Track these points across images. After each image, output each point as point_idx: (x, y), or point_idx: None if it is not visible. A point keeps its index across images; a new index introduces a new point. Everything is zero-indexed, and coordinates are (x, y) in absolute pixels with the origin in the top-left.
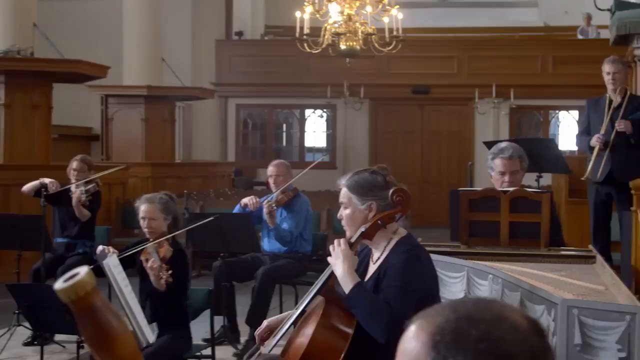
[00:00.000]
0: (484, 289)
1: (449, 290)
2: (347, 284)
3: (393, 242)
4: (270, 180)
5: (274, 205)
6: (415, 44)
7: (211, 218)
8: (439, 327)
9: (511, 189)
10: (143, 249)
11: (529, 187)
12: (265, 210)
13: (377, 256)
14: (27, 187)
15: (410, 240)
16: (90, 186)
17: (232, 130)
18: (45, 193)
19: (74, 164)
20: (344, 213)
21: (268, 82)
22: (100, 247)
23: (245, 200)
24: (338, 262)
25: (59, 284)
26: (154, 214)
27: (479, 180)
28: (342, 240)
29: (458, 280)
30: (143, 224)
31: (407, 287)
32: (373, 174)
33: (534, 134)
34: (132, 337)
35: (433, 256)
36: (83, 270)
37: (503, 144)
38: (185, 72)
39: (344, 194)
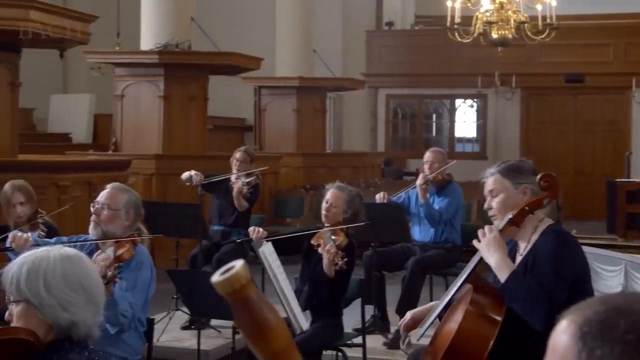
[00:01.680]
0: None
1: (605, 284)
2: (503, 273)
3: (539, 231)
4: (426, 167)
5: (429, 178)
6: (568, 31)
7: (363, 223)
8: (587, 318)
9: None
10: (315, 233)
11: None
12: (418, 181)
13: (524, 247)
14: (184, 175)
15: (556, 227)
16: (251, 179)
17: (381, 120)
18: (189, 184)
19: (238, 155)
20: (495, 201)
21: (418, 72)
22: (251, 229)
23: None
24: (490, 250)
25: (215, 277)
26: (337, 202)
27: (636, 170)
28: (492, 226)
29: (615, 274)
30: (324, 206)
31: (559, 273)
32: (522, 162)
33: None
34: (287, 330)
35: (588, 249)
36: (239, 264)
37: None
38: (336, 62)
39: (496, 180)
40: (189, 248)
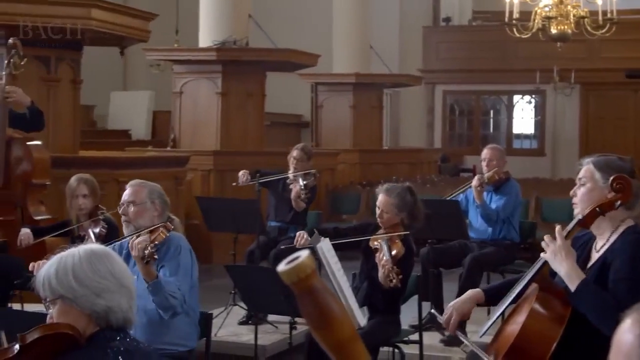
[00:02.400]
0: None
1: None
2: (572, 281)
3: (619, 231)
4: (483, 164)
5: (484, 179)
6: (629, 26)
7: (407, 232)
8: None
9: None
10: (373, 234)
11: None
12: (474, 183)
13: (601, 244)
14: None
15: (638, 229)
16: (309, 180)
17: (438, 116)
18: (234, 184)
19: (295, 153)
20: (580, 190)
21: (475, 68)
22: (298, 233)
23: None
24: (558, 258)
25: (281, 267)
26: (386, 207)
27: None
28: (556, 233)
29: None
30: (377, 211)
31: (637, 279)
32: (621, 160)
33: None
34: (351, 321)
35: None
36: (304, 254)
37: None
38: (393, 59)
39: (587, 169)
40: (246, 244)
